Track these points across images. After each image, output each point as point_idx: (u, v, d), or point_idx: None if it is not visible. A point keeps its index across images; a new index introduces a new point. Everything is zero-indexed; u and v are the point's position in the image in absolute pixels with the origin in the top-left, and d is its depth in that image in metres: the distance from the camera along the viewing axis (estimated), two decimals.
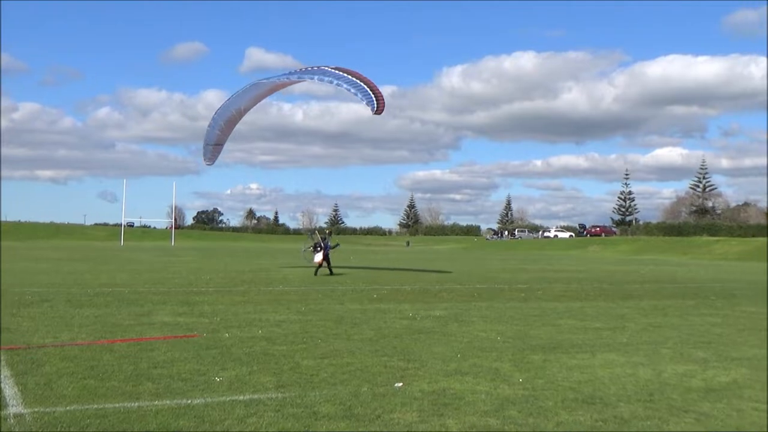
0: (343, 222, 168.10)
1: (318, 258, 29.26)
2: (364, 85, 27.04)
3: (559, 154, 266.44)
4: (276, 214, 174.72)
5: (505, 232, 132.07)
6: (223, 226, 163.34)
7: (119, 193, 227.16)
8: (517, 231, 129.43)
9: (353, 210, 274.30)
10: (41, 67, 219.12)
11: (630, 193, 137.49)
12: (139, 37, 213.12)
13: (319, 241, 29.88)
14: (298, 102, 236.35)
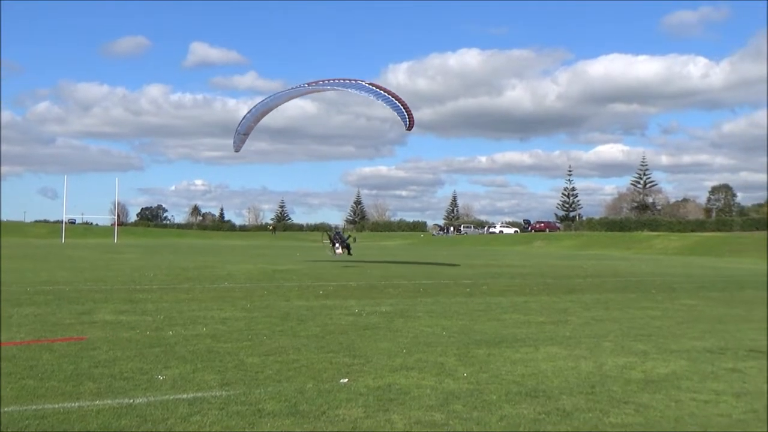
0: (289, 218, 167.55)
1: (339, 250, 35.51)
2: (398, 103, 30.89)
3: (503, 150, 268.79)
4: (221, 210, 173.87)
5: (451, 228, 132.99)
6: (167, 222, 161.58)
7: (60, 190, 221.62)
8: (463, 227, 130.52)
9: (299, 206, 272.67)
10: None
11: (573, 189, 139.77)
12: (80, 30, 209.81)
13: (333, 236, 36.55)
14: (243, 98, 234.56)
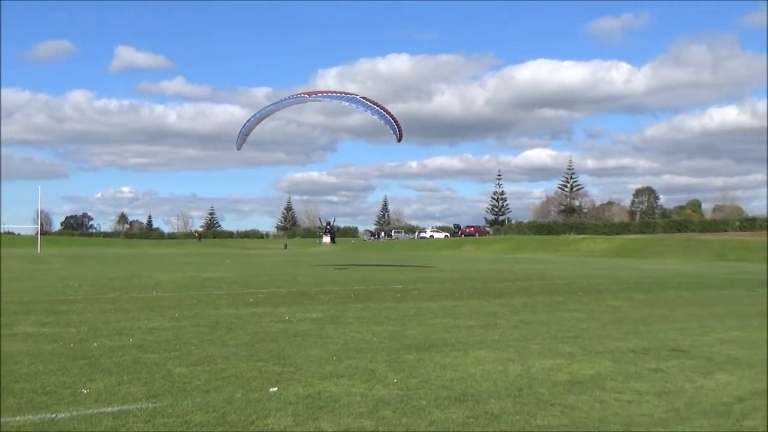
0: (219, 225, 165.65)
1: (326, 240, 42.85)
2: (388, 116, 34.30)
3: (434, 155, 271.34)
4: (149, 218, 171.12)
5: (382, 234, 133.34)
6: (93, 231, 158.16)
7: None
8: (394, 232, 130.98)
9: (230, 213, 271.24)
10: None
11: (502, 193, 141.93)
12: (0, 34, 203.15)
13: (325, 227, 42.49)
14: (170, 103, 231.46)
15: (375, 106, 34.17)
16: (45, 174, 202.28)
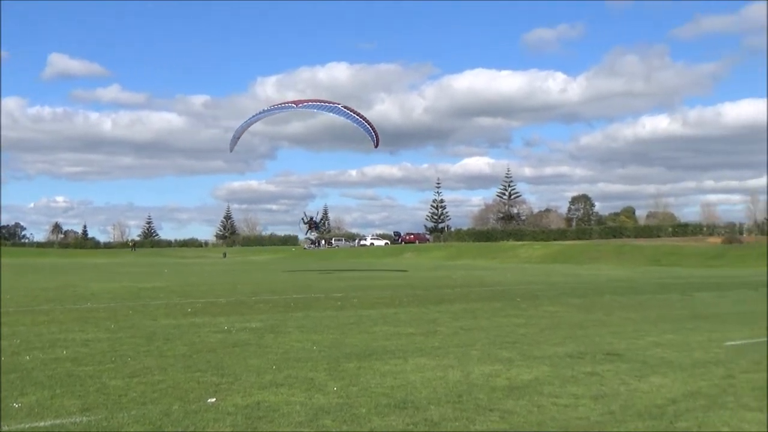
0: (156, 234, 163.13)
1: (313, 235, 47.61)
2: (366, 124, 38.87)
3: (373, 164, 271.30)
4: (85, 227, 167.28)
5: (323, 242, 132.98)
6: (26, 241, 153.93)
7: None
8: (334, 240, 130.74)
9: (168, 222, 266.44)
10: None
11: (442, 201, 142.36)
12: None
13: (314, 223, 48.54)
14: (106, 111, 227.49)
15: (355, 114, 38.84)
16: None
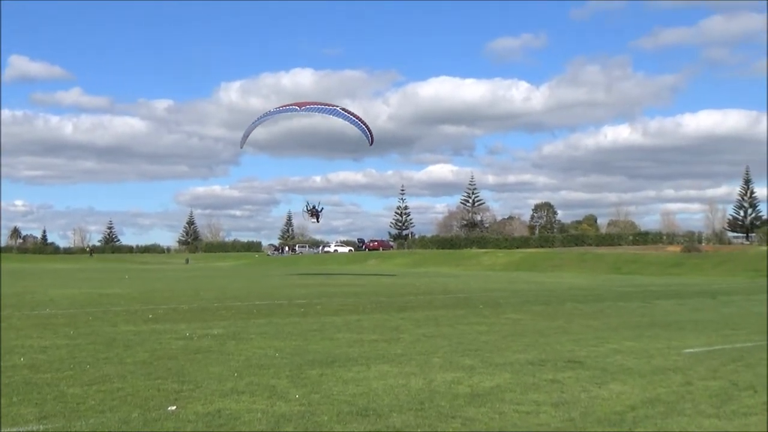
0: (118, 240, 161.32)
1: (314, 221, 50.39)
2: (362, 124, 42.74)
3: (337, 170, 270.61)
4: (44, 232, 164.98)
5: (286, 248, 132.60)
6: None
7: None
8: (298, 246, 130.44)
9: (129, 227, 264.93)
10: None
11: (406, 208, 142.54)
12: None
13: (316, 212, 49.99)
14: (67, 114, 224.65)
15: (351, 116, 42.87)
16: None
